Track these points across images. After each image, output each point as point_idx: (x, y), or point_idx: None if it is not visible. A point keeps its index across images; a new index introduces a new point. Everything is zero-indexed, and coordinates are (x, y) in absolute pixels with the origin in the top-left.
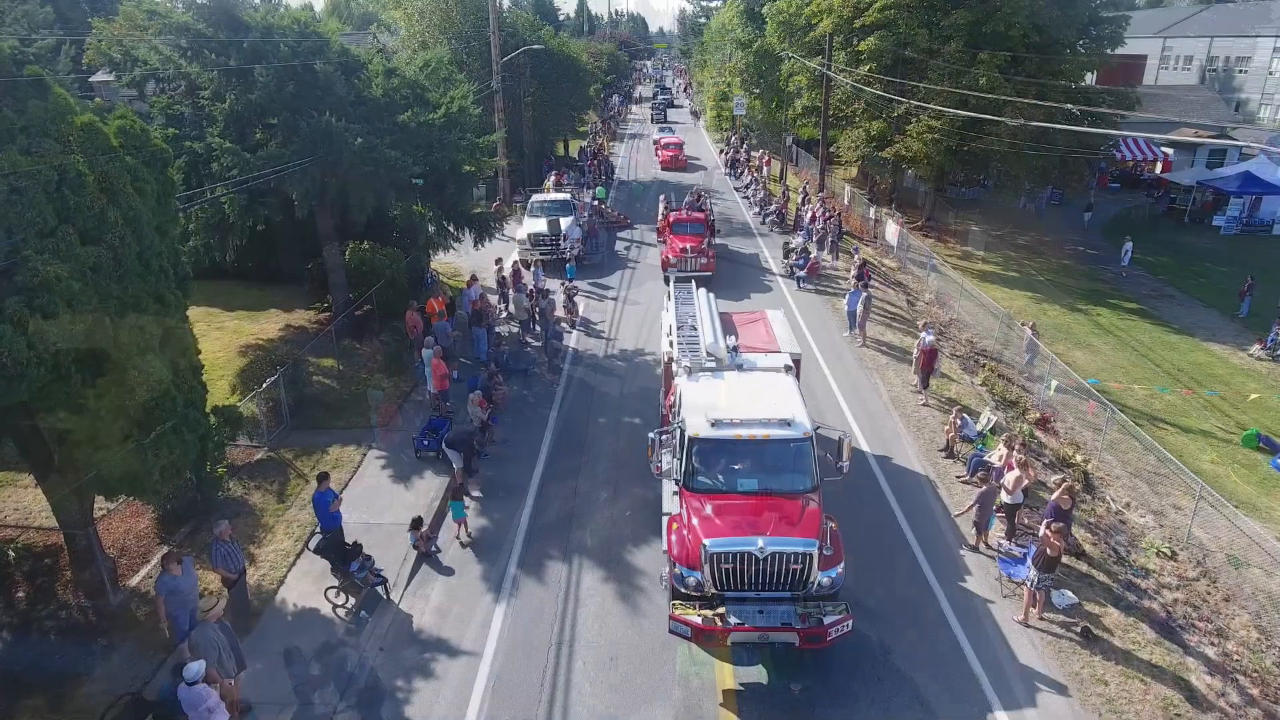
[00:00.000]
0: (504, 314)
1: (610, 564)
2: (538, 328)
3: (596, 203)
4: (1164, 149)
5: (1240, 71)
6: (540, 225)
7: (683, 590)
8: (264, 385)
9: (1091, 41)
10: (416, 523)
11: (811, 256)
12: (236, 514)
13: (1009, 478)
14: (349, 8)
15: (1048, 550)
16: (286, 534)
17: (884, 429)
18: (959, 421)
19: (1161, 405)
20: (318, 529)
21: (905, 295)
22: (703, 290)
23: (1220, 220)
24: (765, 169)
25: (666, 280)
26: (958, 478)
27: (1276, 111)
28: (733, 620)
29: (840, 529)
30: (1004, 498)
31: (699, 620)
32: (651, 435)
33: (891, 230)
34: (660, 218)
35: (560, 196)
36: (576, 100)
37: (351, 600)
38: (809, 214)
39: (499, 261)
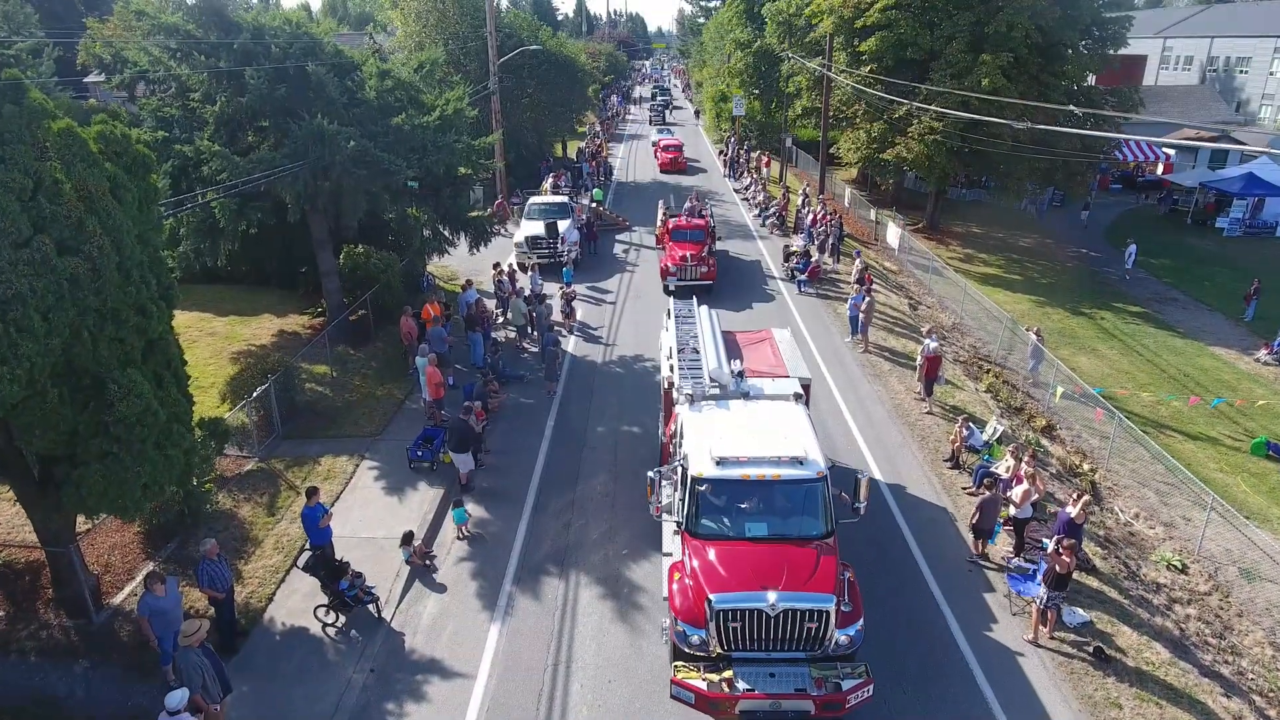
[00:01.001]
0: (500, 319)
1: (608, 580)
2: (535, 333)
3: (595, 205)
4: (1165, 150)
5: (1241, 72)
6: (538, 228)
7: (685, 650)
8: (254, 394)
9: (1094, 42)
10: (408, 537)
11: (813, 260)
12: (224, 528)
13: (1017, 491)
14: (346, 7)
15: (1058, 567)
16: (276, 548)
17: (887, 438)
18: (965, 431)
19: (1168, 412)
20: (307, 545)
21: (907, 298)
22: (705, 307)
23: (1223, 222)
24: (765, 170)
25: (666, 290)
26: (964, 489)
27: (1277, 112)
28: (741, 686)
29: (856, 571)
30: (1012, 511)
31: (704, 686)
32: (651, 474)
33: (893, 233)
34: (659, 224)
35: (558, 199)
36: (575, 101)
37: (342, 619)
38: (809, 216)
39: (497, 266)
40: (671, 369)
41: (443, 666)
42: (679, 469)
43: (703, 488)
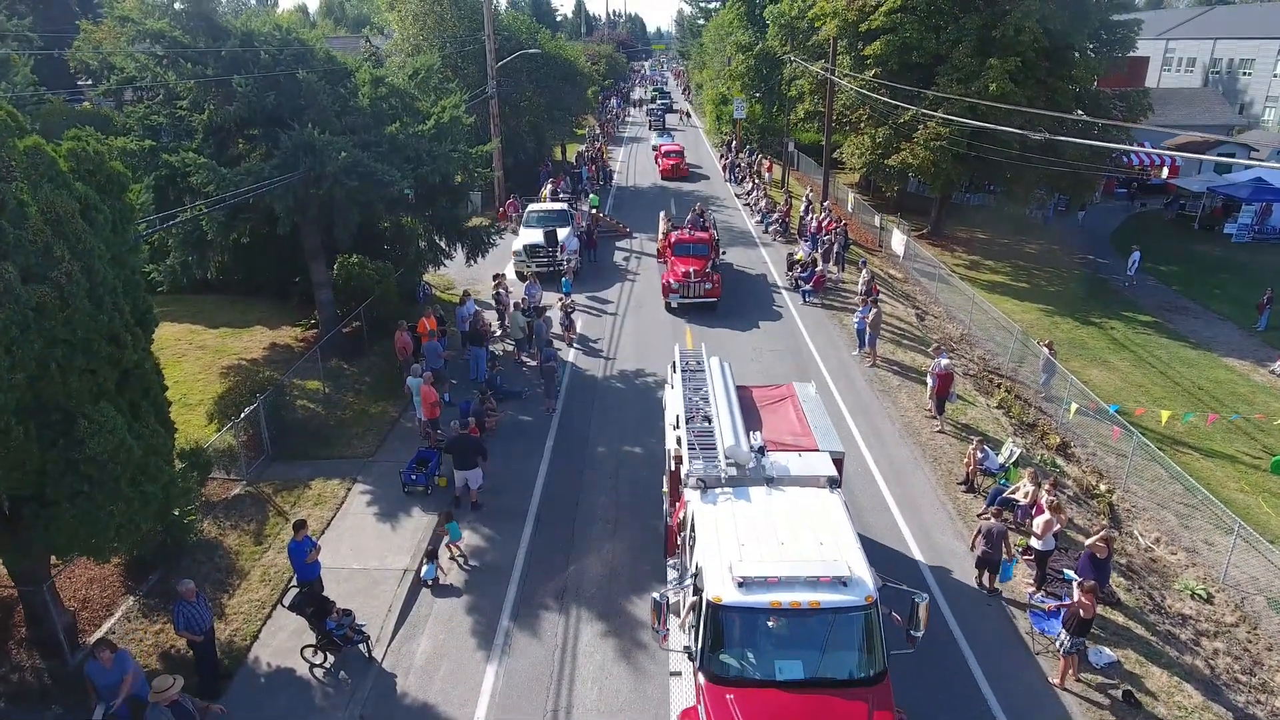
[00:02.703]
0: (497, 332)
1: (610, 616)
2: (534, 346)
3: (593, 211)
4: (1171, 155)
5: (1244, 74)
6: (536, 236)
7: None
8: (242, 415)
9: (1102, 45)
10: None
11: (817, 269)
12: (209, 558)
13: (1038, 521)
14: (343, 9)
15: (1080, 613)
16: (263, 580)
17: (898, 458)
18: (980, 454)
19: (1184, 427)
20: (294, 580)
21: (914, 308)
22: (715, 359)
23: (1232, 228)
24: (767, 175)
25: (668, 307)
26: (979, 515)
27: None
28: None
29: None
30: (1033, 543)
31: None
32: (655, 597)
33: (897, 239)
34: (661, 237)
35: (557, 206)
36: (574, 104)
37: (330, 659)
38: (814, 224)
39: (498, 277)
40: (678, 441)
41: (436, 712)
42: (691, 587)
43: (724, 617)
